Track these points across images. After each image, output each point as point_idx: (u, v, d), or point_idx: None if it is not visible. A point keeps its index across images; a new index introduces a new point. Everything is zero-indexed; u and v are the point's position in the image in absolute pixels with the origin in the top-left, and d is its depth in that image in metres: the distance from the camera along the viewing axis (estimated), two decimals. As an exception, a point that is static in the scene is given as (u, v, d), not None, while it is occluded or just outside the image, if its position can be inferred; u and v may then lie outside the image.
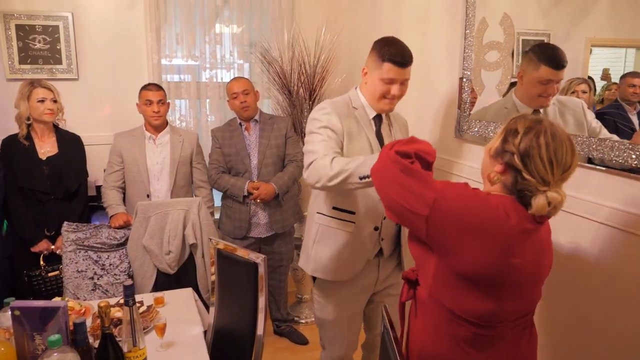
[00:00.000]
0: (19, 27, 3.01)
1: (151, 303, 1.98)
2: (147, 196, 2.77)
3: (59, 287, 2.57)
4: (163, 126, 2.85)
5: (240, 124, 2.91)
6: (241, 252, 1.93)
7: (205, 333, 1.91)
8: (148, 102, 2.74)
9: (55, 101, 2.63)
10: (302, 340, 3.10)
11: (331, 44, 3.17)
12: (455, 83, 2.29)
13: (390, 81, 1.78)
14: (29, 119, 2.60)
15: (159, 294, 2.12)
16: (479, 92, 2.15)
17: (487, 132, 2.09)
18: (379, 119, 1.91)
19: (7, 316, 1.50)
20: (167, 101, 2.86)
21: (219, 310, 2.05)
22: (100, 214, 2.93)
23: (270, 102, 3.48)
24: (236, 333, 1.92)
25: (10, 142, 2.61)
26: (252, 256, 1.87)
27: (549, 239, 1.29)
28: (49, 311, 1.36)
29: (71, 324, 1.35)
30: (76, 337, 1.32)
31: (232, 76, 3.27)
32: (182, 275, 2.59)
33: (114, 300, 2.00)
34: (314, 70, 3.16)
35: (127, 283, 1.41)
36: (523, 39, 1.92)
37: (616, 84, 1.58)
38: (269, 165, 2.88)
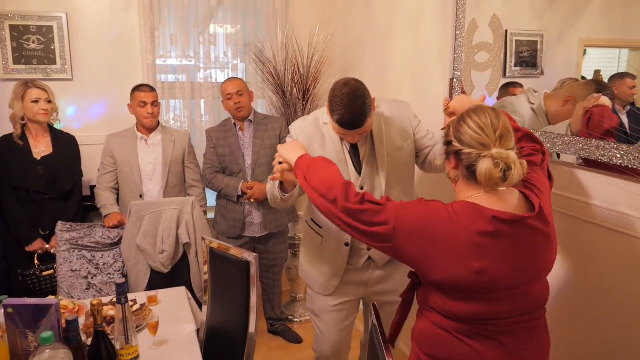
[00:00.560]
0: (13, 28, 3.01)
1: (144, 302, 2.00)
2: (140, 196, 2.78)
3: (54, 287, 2.58)
4: (155, 127, 2.85)
5: (234, 124, 2.92)
6: (234, 251, 1.95)
7: (198, 331, 1.92)
8: (142, 104, 2.74)
9: (49, 101, 2.63)
10: (296, 339, 3.12)
11: (324, 44, 3.18)
12: (447, 83, 2.32)
13: (344, 135, 1.74)
14: (23, 119, 2.61)
15: (152, 293, 2.13)
16: (469, 92, 2.17)
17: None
18: None
19: (0, 314, 1.51)
20: (160, 102, 2.87)
21: (211, 309, 2.07)
22: (94, 214, 2.94)
23: (265, 103, 3.49)
24: (228, 331, 1.93)
25: (4, 142, 2.62)
26: (244, 255, 1.89)
27: (548, 236, 1.23)
28: (41, 309, 1.37)
29: (64, 321, 1.35)
30: (68, 334, 1.33)
31: (227, 76, 3.29)
32: (176, 274, 2.60)
33: (108, 299, 2.01)
34: (307, 71, 3.17)
35: (119, 281, 1.43)
36: (517, 39, 1.93)
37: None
38: (263, 165, 2.89)
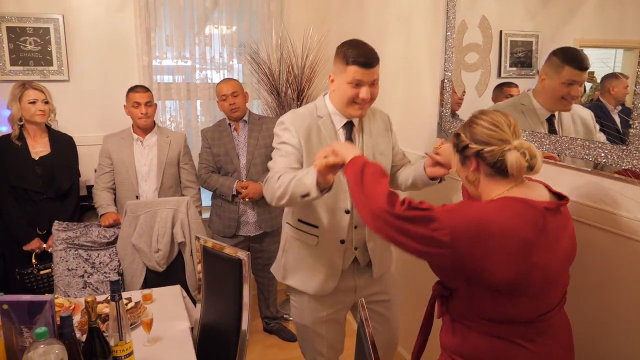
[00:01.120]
0: (10, 29, 3.04)
1: (139, 300, 2.02)
2: (136, 197, 2.80)
3: (51, 285, 2.60)
4: (151, 127, 2.87)
5: (229, 124, 2.95)
6: (228, 250, 1.97)
7: (192, 329, 1.95)
8: (136, 104, 2.76)
9: (46, 102, 2.66)
10: (291, 337, 3.14)
11: (318, 45, 3.21)
12: (438, 83, 2.35)
13: (358, 84, 1.70)
14: (21, 119, 2.64)
15: (147, 291, 2.15)
16: (459, 92, 2.20)
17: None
18: (349, 126, 1.84)
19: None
20: (155, 102, 2.89)
21: (205, 307, 2.09)
22: (90, 214, 2.97)
23: (260, 103, 3.52)
24: (222, 328, 1.96)
25: (3, 143, 2.65)
26: (237, 253, 1.91)
27: (567, 224, 1.29)
28: (36, 305, 1.40)
29: (58, 318, 1.38)
30: (63, 330, 1.34)
31: (223, 77, 3.31)
32: (171, 272, 2.63)
33: (103, 297, 2.03)
34: (301, 72, 3.20)
35: (113, 279, 1.46)
36: (511, 40, 1.92)
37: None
38: (257, 164, 2.91)
